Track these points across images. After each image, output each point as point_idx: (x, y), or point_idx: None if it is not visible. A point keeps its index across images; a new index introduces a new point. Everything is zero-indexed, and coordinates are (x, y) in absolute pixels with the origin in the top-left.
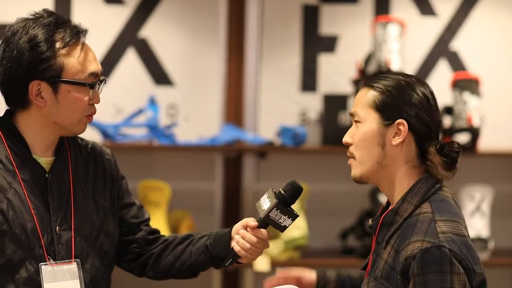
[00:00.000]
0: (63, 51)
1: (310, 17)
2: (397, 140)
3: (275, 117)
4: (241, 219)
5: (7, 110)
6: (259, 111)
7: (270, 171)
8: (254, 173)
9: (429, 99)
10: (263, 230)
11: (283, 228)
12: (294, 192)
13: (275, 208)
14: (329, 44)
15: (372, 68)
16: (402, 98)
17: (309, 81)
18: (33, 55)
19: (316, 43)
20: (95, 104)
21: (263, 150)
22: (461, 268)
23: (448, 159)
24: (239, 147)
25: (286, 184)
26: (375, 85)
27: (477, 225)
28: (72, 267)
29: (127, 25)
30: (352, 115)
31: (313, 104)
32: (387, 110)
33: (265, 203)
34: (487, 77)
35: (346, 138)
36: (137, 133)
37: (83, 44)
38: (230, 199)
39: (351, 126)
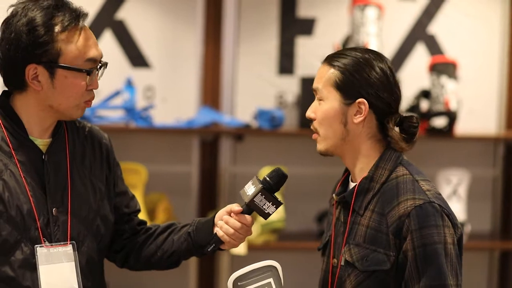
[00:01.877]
0: (61, 36)
1: None
2: (358, 119)
3: (252, 100)
4: (217, 202)
5: (4, 91)
6: (236, 94)
7: (247, 154)
8: (230, 155)
9: (388, 76)
10: (247, 216)
11: (266, 215)
12: (279, 179)
13: (260, 194)
14: (307, 26)
15: None
16: (362, 78)
17: (286, 64)
18: (31, 38)
19: (293, 26)
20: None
21: (240, 133)
22: (449, 222)
23: (407, 134)
24: (216, 129)
25: (271, 171)
26: (335, 63)
27: (454, 209)
28: (68, 249)
29: (104, 7)
30: (314, 90)
31: (291, 87)
32: (348, 89)
33: (250, 189)
34: (463, 61)
35: (309, 113)
36: (114, 115)
37: (82, 28)
38: (206, 181)
39: None
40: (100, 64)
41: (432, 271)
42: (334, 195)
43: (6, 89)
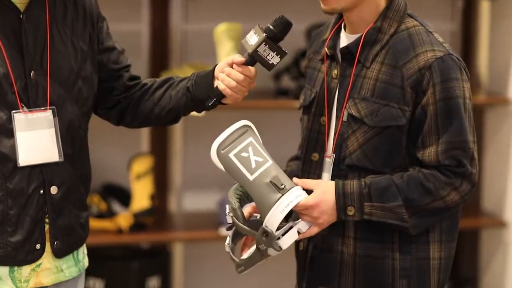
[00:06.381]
0: None
1: None
2: None
3: None
4: (169, 61)
5: None
6: None
7: (200, 11)
8: (182, 13)
9: None
10: (250, 67)
11: (270, 66)
12: (283, 27)
13: (264, 43)
14: None
15: None
16: None
17: None
18: None
19: None
20: None
21: None
22: (466, 76)
23: None
24: None
25: (274, 19)
26: None
27: None
28: (47, 115)
29: None
30: None
31: None
32: None
33: (252, 38)
34: None
35: None
36: None
37: None
38: (157, 40)
39: None
40: None
41: (453, 126)
42: (326, 48)
43: None
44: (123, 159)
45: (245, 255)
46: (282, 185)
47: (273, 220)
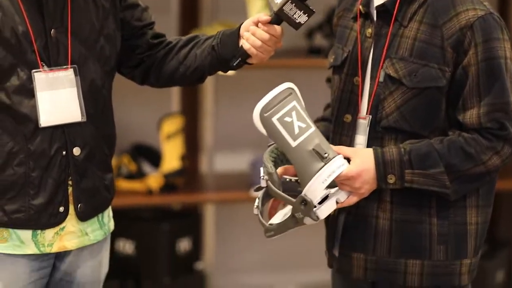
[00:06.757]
0: None
1: None
2: None
3: None
4: (200, 19)
5: None
6: None
7: None
8: None
9: None
10: (276, 26)
11: (297, 25)
12: None
13: (290, 2)
14: None
15: None
16: None
17: None
18: None
19: None
20: None
21: None
22: (507, 36)
23: None
24: None
25: None
26: None
27: None
28: (69, 74)
29: None
30: None
31: None
32: None
33: None
34: None
35: None
36: None
37: None
38: None
39: None
40: None
41: (495, 88)
42: (360, 6)
43: None
44: (153, 119)
45: (275, 219)
46: (325, 153)
47: (313, 189)
